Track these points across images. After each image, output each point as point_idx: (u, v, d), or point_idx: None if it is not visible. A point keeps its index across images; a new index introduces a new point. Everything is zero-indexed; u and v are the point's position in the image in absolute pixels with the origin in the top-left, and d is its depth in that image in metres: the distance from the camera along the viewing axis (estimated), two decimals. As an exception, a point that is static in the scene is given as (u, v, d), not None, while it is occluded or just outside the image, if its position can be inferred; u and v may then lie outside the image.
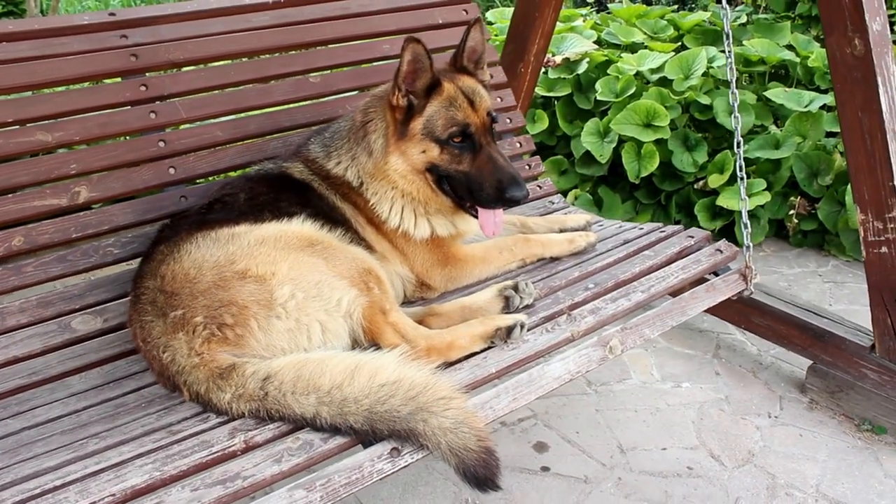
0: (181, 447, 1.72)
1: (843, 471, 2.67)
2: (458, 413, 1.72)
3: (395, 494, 2.60)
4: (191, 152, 2.62)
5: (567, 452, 2.81)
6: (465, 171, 2.29)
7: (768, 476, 2.66)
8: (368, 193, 2.36)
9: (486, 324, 2.06)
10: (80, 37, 2.51)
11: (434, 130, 2.27)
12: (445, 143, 2.28)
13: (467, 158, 2.29)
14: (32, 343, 2.23)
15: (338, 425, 1.72)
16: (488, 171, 2.26)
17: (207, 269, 1.96)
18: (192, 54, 2.67)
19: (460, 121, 2.27)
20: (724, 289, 2.52)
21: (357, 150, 2.38)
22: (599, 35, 5.43)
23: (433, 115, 2.27)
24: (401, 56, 2.20)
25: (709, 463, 2.74)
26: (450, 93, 2.29)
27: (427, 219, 2.41)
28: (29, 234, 2.31)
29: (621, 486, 2.64)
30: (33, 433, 1.93)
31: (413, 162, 2.31)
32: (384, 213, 2.36)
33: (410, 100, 2.28)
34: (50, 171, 2.38)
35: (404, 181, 2.34)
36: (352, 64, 3.01)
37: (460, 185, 2.31)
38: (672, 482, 2.65)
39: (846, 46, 2.48)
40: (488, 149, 2.29)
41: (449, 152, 2.29)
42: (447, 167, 2.30)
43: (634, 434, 2.91)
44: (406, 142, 2.29)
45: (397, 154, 2.31)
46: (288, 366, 1.81)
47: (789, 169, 4.32)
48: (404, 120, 2.28)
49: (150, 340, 1.98)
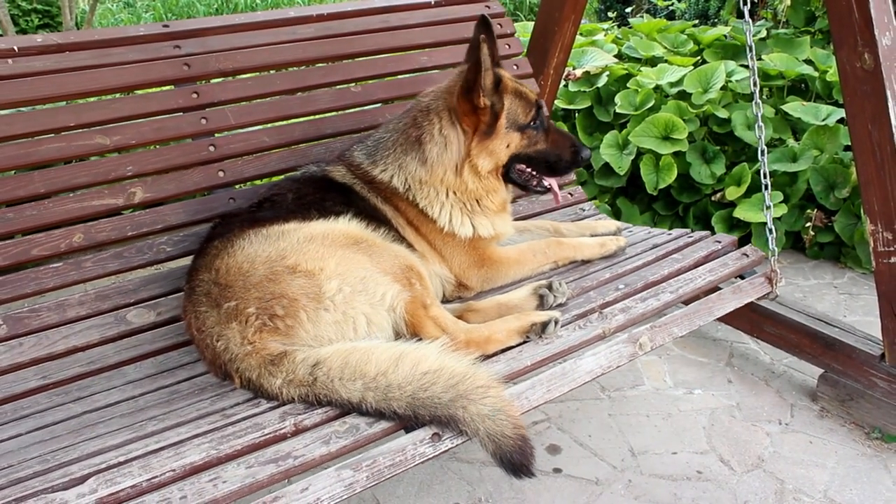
0: (235, 429, 1.78)
1: (851, 477, 2.67)
2: (495, 401, 1.78)
3: (411, 493, 2.64)
4: (239, 156, 2.72)
5: (579, 455, 2.83)
6: (542, 148, 2.51)
7: (777, 481, 2.66)
8: (418, 198, 2.46)
9: (521, 319, 2.14)
10: (136, 47, 2.63)
11: (517, 119, 2.44)
12: (526, 128, 2.46)
13: (541, 137, 2.51)
14: (91, 334, 2.33)
15: (382, 410, 1.78)
16: (562, 142, 2.52)
17: (259, 263, 2.04)
18: (240, 64, 2.77)
19: (534, 101, 2.47)
20: (750, 291, 2.57)
21: (405, 160, 2.47)
22: (620, 49, 5.44)
23: (512, 106, 2.43)
24: (479, 58, 2.28)
25: (718, 467, 2.74)
26: (511, 83, 2.46)
27: (471, 219, 2.51)
28: (88, 232, 2.42)
29: (631, 488, 2.65)
30: (94, 416, 2.03)
31: (499, 157, 2.46)
32: (435, 214, 2.46)
33: (493, 103, 2.39)
34: (108, 173, 2.49)
35: (481, 183, 2.46)
36: (391, 74, 3.10)
37: (538, 164, 2.52)
38: (681, 485, 2.66)
39: (856, 61, 2.51)
40: (550, 123, 2.54)
41: (528, 136, 2.48)
42: (527, 151, 2.50)
43: (646, 438, 2.93)
44: (492, 140, 2.42)
45: (484, 155, 2.43)
46: (336, 353, 1.88)
47: (806, 181, 4.33)
48: (491, 121, 2.40)
49: (205, 330, 2.05)
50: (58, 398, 2.15)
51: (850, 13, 2.48)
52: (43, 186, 2.39)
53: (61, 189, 2.43)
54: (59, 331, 2.31)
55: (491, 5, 3.39)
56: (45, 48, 2.49)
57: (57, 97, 2.48)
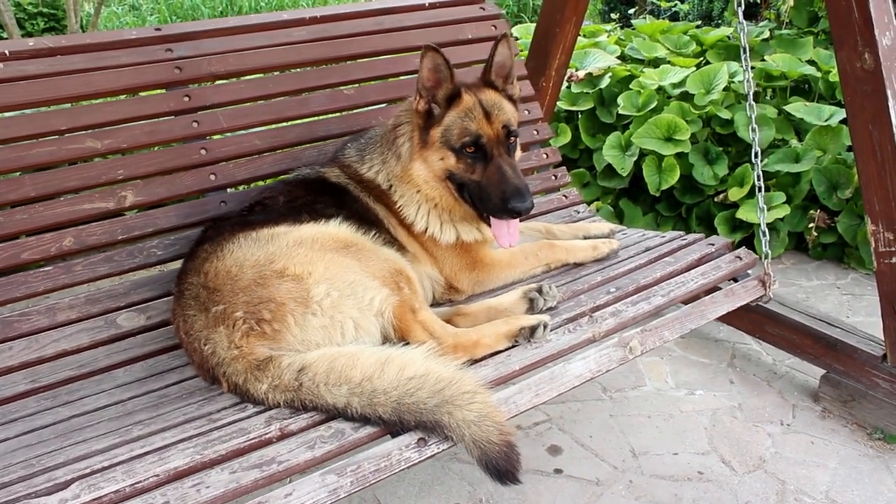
0: (220, 433, 1.78)
1: (853, 478, 2.66)
2: (482, 407, 1.77)
3: (412, 493, 2.63)
4: (231, 160, 2.71)
5: (580, 456, 2.82)
6: (477, 180, 2.35)
7: (778, 482, 2.66)
8: (396, 196, 2.45)
9: (510, 323, 2.12)
10: (128, 50, 2.63)
11: (450, 139, 2.36)
12: (459, 152, 2.36)
13: (479, 168, 2.35)
14: (81, 337, 2.33)
15: (367, 415, 1.78)
16: (495, 182, 2.31)
17: (248, 267, 2.04)
18: (232, 67, 2.76)
19: (473, 131, 2.34)
20: (742, 294, 2.56)
21: (387, 155, 2.48)
22: (623, 50, 5.43)
23: (450, 125, 2.36)
24: (420, 63, 2.32)
25: (719, 468, 2.74)
26: (468, 104, 2.37)
27: (452, 224, 2.49)
28: (79, 235, 2.42)
29: (632, 488, 2.65)
30: (83, 420, 2.03)
31: (433, 169, 2.40)
32: (410, 216, 2.45)
33: (432, 108, 2.38)
34: (99, 176, 2.49)
35: (427, 187, 2.43)
36: (385, 77, 3.09)
37: (473, 193, 2.38)
38: (682, 486, 2.65)
39: (856, 61, 2.51)
40: (499, 160, 2.34)
41: (463, 161, 2.36)
42: (462, 176, 2.38)
43: (647, 439, 2.92)
44: (427, 149, 2.39)
45: (420, 160, 2.41)
46: (321, 358, 1.87)
47: (809, 182, 4.31)
48: (426, 127, 2.38)
49: (193, 333, 2.05)
50: (46, 402, 2.15)
51: (849, 13, 2.47)
52: (34, 190, 2.39)
53: (52, 193, 2.43)
54: (50, 334, 2.32)
55: (486, 7, 3.37)
56: (37, 52, 2.50)
57: (49, 101, 2.49)
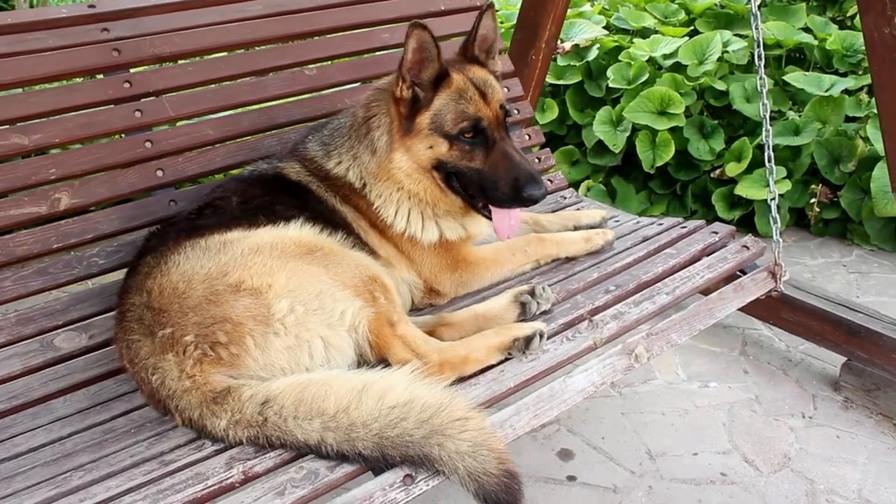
0: (174, 480, 1.60)
1: (885, 474, 2.57)
2: (475, 435, 1.61)
3: None
4: (180, 153, 2.52)
5: (594, 460, 2.72)
6: (478, 168, 2.17)
7: (807, 481, 2.56)
8: (372, 196, 2.24)
9: (502, 334, 1.95)
10: (56, 31, 2.40)
11: (443, 125, 2.15)
12: (455, 139, 2.16)
13: (480, 155, 2.17)
14: (12, 364, 2.11)
15: (345, 452, 1.61)
16: (504, 169, 2.14)
17: (198, 282, 1.84)
18: (179, 47, 2.56)
19: (472, 115, 2.15)
20: (752, 288, 2.40)
21: (359, 149, 2.25)
22: (609, 20, 5.36)
23: (442, 109, 2.15)
24: (405, 44, 2.08)
25: (743, 468, 2.64)
26: (459, 84, 2.17)
27: (435, 221, 2.29)
28: (6, 246, 2.21)
29: (653, 495, 2.54)
30: (13, 465, 1.81)
31: (419, 159, 2.19)
32: (389, 217, 2.24)
33: (416, 92, 2.16)
34: (27, 177, 2.27)
35: (410, 180, 2.22)
36: (350, 55, 2.92)
37: (472, 183, 2.19)
38: (706, 490, 2.55)
39: (885, 26, 2.39)
40: (502, 144, 2.17)
41: (459, 148, 2.17)
42: (457, 164, 2.18)
43: (663, 438, 2.81)
44: (412, 137, 2.17)
45: (402, 151, 2.19)
46: (288, 388, 1.70)
47: (810, 156, 4.22)
48: (409, 114, 2.16)
49: (138, 362, 1.85)
50: (-30, 444, 1.93)
51: (877, -26, 2.36)
52: (-52, 195, 2.18)
53: (-29, 198, 2.21)
54: (-28, 362, 2.10)
55: (463, -25, 3.15)
56: (-51, 35, 2.26)
57: (-36, 91, 2.26)
